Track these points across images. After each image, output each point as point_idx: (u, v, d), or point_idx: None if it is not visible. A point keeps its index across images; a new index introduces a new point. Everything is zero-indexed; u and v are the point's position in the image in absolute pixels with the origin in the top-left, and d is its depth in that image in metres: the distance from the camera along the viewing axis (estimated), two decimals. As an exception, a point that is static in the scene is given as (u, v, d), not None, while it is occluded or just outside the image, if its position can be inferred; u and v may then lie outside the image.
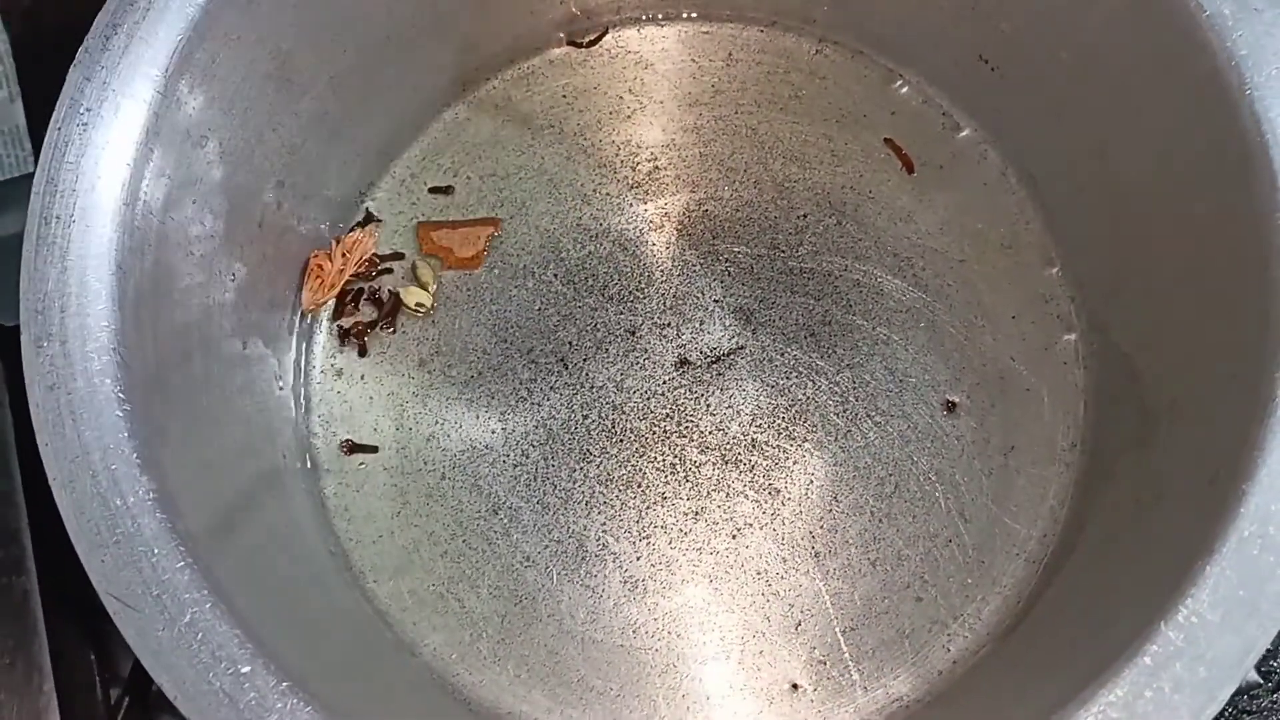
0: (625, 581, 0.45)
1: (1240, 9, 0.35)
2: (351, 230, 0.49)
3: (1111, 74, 0.40)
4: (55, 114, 0.35)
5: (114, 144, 0.35)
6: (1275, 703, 0.51)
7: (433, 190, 0.50)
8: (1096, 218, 0.45)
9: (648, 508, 0.46)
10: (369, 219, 0.49)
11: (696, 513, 0.45)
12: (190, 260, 0.39)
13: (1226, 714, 0.51)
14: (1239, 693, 0.46)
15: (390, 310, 0.48)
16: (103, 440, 0.33)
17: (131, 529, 0.33)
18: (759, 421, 0.46)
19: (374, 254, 0.48)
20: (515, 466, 0.46)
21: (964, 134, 0.49)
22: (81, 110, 0.35)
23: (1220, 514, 0.32)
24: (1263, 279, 0.34)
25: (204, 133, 0.38)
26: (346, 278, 0.47)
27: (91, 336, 0.34)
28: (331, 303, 0.48)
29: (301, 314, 0.48)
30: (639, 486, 0.46)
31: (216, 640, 0.32)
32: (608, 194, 0.50)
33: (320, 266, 0.47)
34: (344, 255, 0.47)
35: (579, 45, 0.51)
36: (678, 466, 0.46)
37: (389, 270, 0.49)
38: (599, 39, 0.51)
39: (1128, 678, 0.31)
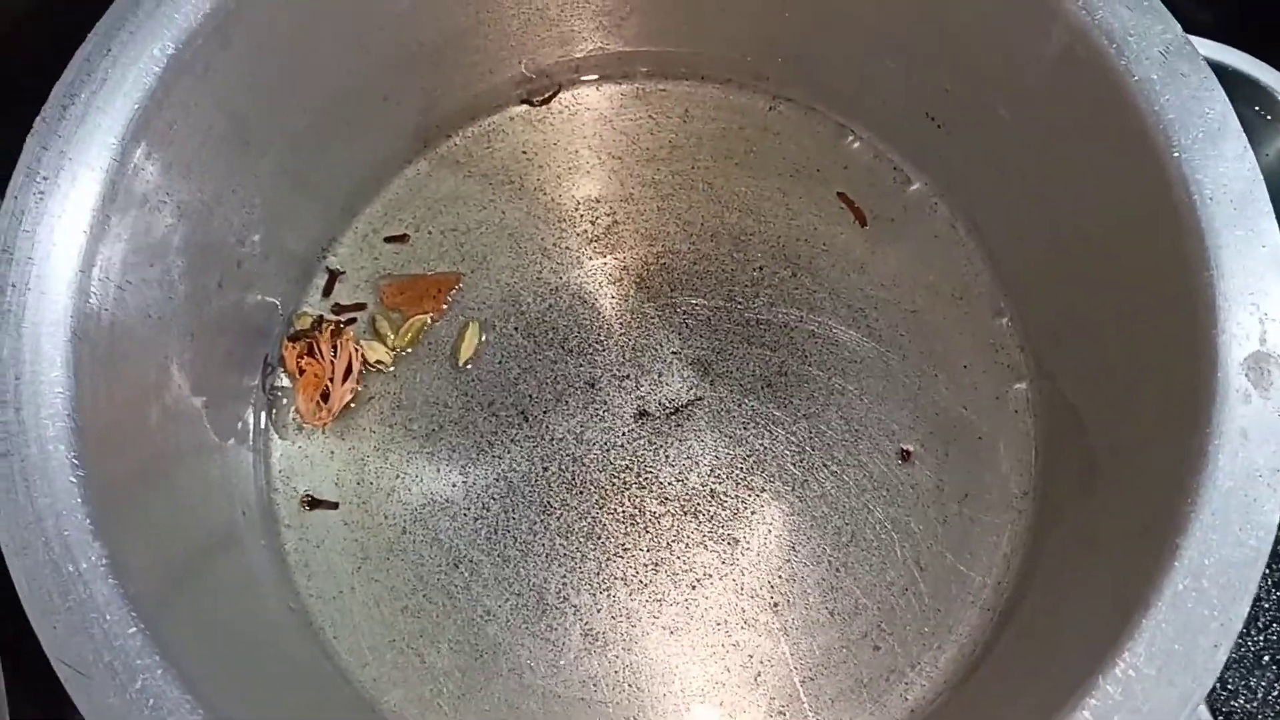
0: (585, 634, 0.45)
1: (1168, 74, 0.36)
2: (328, 324, 0.49)
3: (1047, 133, 0.42)
4: (12, 183, 0.36)
5: (70, 212, 0.36)
6: (1236, 743, 0.52)
7: (388, 240, 0.50)
8: (1040, 269, 0.46)
9: (608, 559, 0.46)
10: (333, 279, 0.50)
11: (656, 564, 0.46)
12: (148, 323, 0.39)
13: (1189, 755, 0.51)
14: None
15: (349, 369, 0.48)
16: (55, 506, 0.33)
17: (84, 595, 0.33)
18: (717, 472, 0.47)
19: (363, 355, 0.48)
20: (476, 520, 0.46)
21: (914, 188, 0.50)
22: (38, 179, 0.36)
23: (1155, 566, 0.32)
24: (1193, 334, 0.35)
25: (162, 198, 0.39)
26: (345, 401, 0.48)
27: (46, 403, 0.34)
28: (291, 353, 0.48)
29: (265, 365, 0.48)
30: (599, 538, 0.46)
31: (168, 706, 0.32)
32: (567, 248, 0.50)
33: (315, 375, 0.47)
34: (332, 363, 0.47)
35: (533, 104, 0.52)
36: (637, 518, 0.46)
37: (353, 320, 0.49)
38: (551, 98, 0.52)
39: (1067, 731, 0.31)
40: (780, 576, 0.46)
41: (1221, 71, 0.49)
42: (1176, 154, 0.35)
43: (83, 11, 0.38)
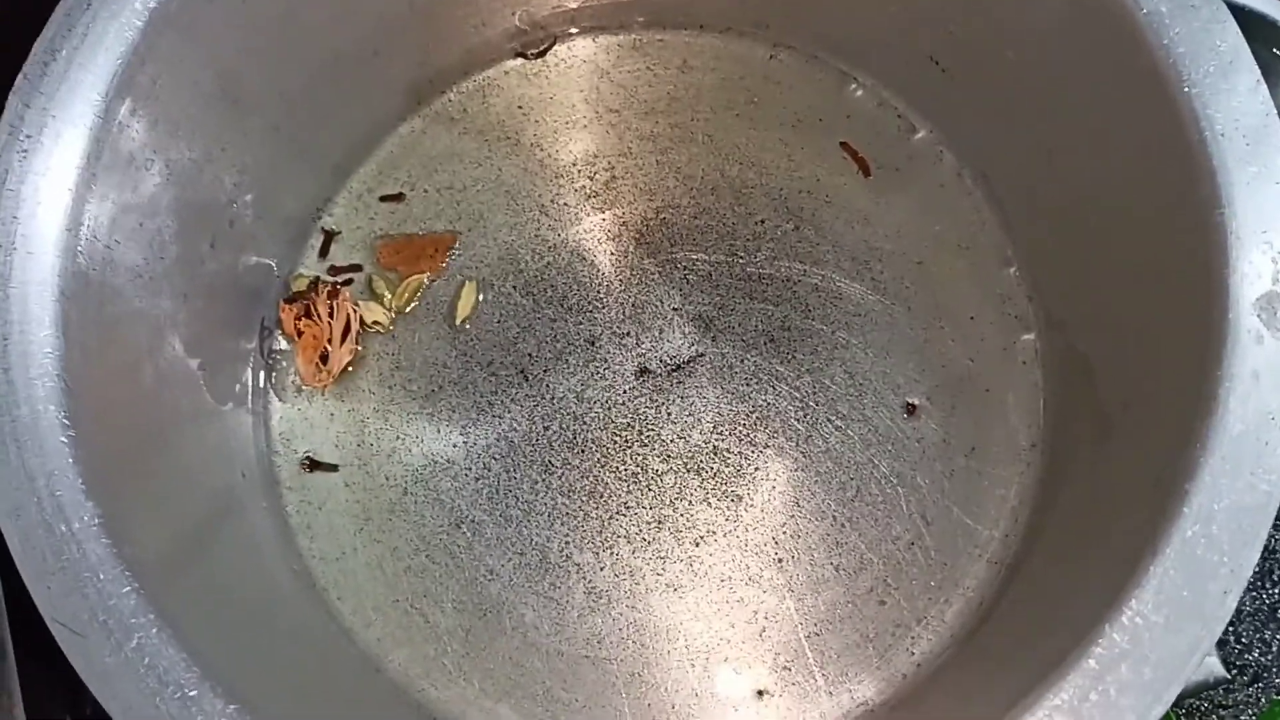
0: (589, 592, 0.45)
1: (1177, 7, 0.35)
2: (324, 285, 0.48)
3: (1055, 73, 0.40)
4: (-5, 141, 0.35)
5: (55, 170, 0.35)
6: (1250, 696, 0.51)
7: (383, 199, 0.50)
8: (1049, 216, 0.45)
9: (610, 518, 0.46)
10: (329, 239, 0.49)
11: (659, 521, 0.45)
12: (139, 283, 0.39)
13: (1203, 709, 0.51)
14: (1209, 687, 0.46)
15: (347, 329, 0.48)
16: (47, 466, 0.33)
17: (77, 555, 0.33)
18: (720, 429, 0.46)
19: (360, 316, 0.48)
20: (477, 480, 0.46)
21: (919, 136, 0.49)
22: (21, 137, 0.35)
23: (1164, 514, 0.32)
24: (1205, 276, 0.34)
25: (149, 155, 0.38)
26: (345, 362, 0.47)
27: (35, 363, 0.34)
28: (288, 315, 0.48)
29: (263, 327, 0.48)
30: (601, 497, 0.46)
31: (164, 664, 0.32)
32: (565, 204, 0.50)
33: (314, 337, 0.46)
34: (329, 324, 0.47)
35: (528, 57, 0.51)
36: (640, 476, 0.46)
37: (349, 281, 0.49)
38: (546, 50, 0.51)
39: (1073, 681, 0.31)
40: (784, 532, 0.45)
41: (1241, 12, 0.47)
42: (1187, 89, 0.34)
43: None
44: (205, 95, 0.40)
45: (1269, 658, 0.51)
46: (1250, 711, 0.51)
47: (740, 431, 0.46)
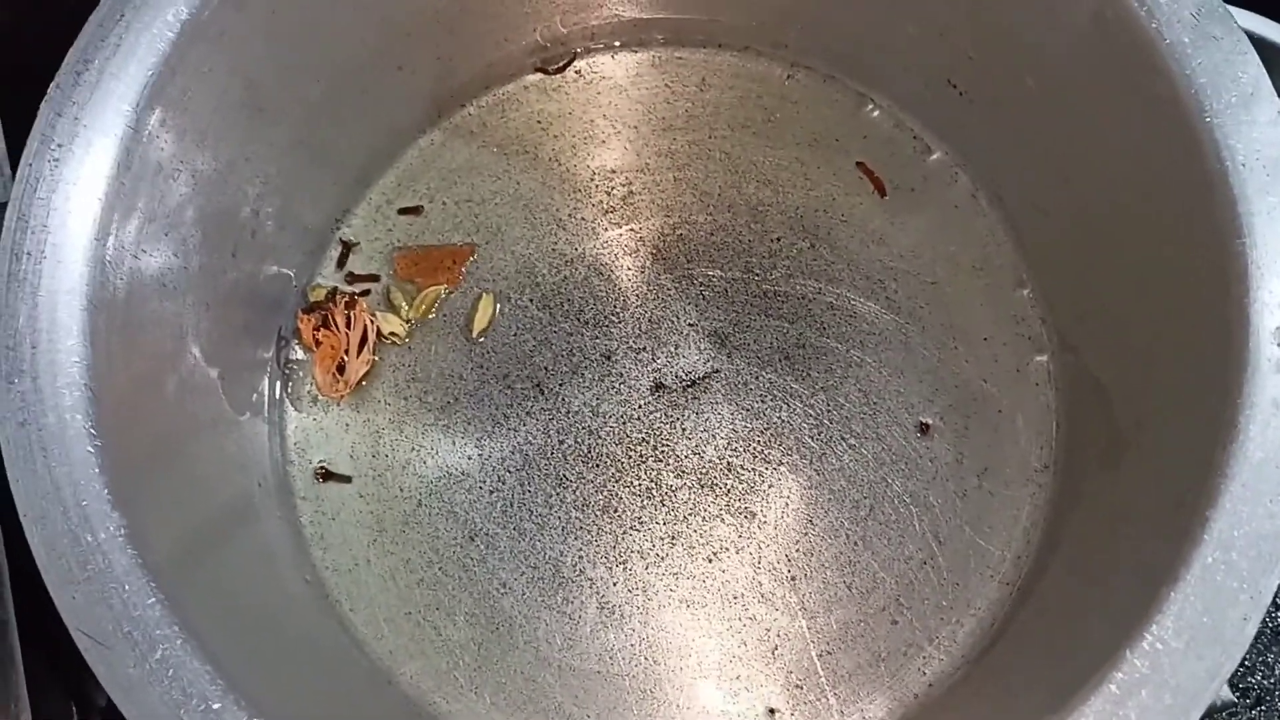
0: (602, 607, 0.45)
1: (1200, 37, 0.36)
2: (342, 295, 0.48)
3: (1075, 99, 0.41)
4: (26, 150, 0.35)
5: (85, 179, 0.35)
6: (1253, 719, 0.51)
7: (402, 211, 0.50)
8: (1064, 240, 0.45)
9: (624, 533, 0.46)
10: (347, 250, 0.49)
11: (673, 537, 0.46)
12: (163, 292, 0.39)
13: (1206, 731, 0.51)
14: (1214, 711, 0.47)
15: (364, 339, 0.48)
16: (73, 476, 0.33)
17: (102, 565, 0.33)
18: (734, 445, 0.47)
19: (377, 327, 0.48)
20: (491, 493, 0.46)
21: (935, 157, 0.50)
22: (53, 146, 0.35)
23: (1184, 539, 0.32)
24: (1223, 304, 0.34)
25: (176, 165, 0.38)
26: (361, 373, 0.47)
27: (62, 372, 0.34)
28: (306, 325, 0.48)
29: (280, 337, 0.48)
30: (615, 511, 0.46)
31: (187, 677, 0.32)
32: (583, 219, 0.50)
33: (332, 347, 0.47)
34: (346, 334, 0.47)
35: (548, 72, 0.51)
36: (654, 491, 0.46)
37: (366, 292, 0.49)
38: (566, 66, 0.51)
39: (1094, 706, 0.31)
40: (798, 550, 0.45)
41: (1262, 45, 0.48)
42: (1208, 119, 0.35)
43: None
44: (232, 105, 0.40)
45: (1271, 681, 0.52)
46: (1253, 734, 0.51)
47: (754, 448, 0.47)
